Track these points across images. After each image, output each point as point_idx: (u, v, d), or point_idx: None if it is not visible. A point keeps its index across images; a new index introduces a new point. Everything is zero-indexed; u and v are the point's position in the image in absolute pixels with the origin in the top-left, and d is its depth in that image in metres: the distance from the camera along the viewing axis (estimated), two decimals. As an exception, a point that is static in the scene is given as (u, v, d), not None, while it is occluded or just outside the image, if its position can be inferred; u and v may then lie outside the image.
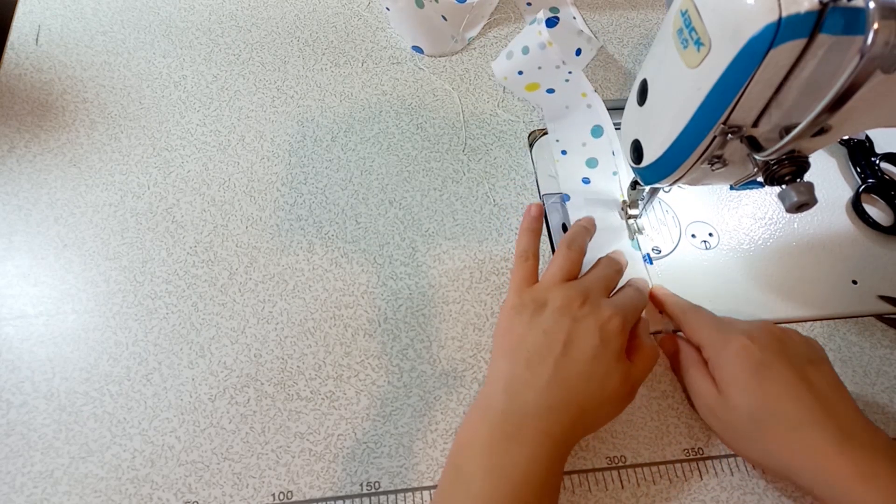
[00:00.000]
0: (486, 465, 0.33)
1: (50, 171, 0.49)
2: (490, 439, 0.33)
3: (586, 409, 0.35)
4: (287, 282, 0.45)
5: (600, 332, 0.36)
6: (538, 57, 0.49)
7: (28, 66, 0.54)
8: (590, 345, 0.35)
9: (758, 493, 0.39)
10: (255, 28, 0.58)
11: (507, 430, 0.33)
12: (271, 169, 0.50)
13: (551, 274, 0.40)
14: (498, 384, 0.36)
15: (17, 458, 0.38)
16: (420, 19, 0.54)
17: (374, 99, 0.54)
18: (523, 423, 0.33)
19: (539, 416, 0.34)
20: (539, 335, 0.36)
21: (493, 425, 0.34)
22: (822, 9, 0.25)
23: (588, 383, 0.35)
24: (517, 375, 0.35)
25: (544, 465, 0.33)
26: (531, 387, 0.34)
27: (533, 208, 0.43)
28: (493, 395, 0.35)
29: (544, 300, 0.38)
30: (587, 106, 0.50)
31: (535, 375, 0.35)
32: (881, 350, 0.45)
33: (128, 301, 0.43)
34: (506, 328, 0.38)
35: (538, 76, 0.51)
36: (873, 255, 0.49)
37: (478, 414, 0.36)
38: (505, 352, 0.37)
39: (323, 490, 0.38)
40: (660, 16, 0.62)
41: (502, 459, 0.32)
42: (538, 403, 0.34)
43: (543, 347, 0.35)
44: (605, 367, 0.35)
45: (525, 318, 0.37)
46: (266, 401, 0.41)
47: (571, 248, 0.41)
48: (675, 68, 0.32)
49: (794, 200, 0.32)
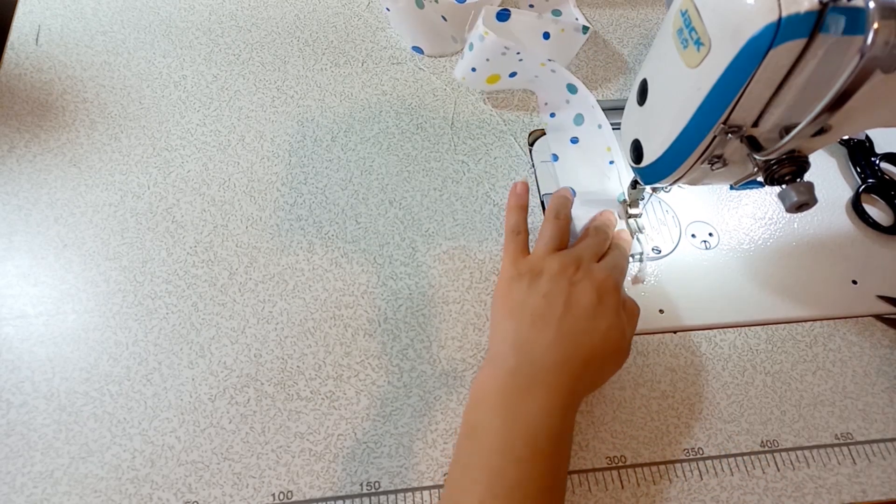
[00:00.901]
0: (501, 417, 0.34)
1: (50, 171, 0.49)
2: (504, 395, 0.35)
3: (591, 363, 0.36)
4: (287, 282, 0.45)
5: (597, 291, 0.37)
6: (482, 50, 0.50)
7: (28, 66, 0.54)
8: (589, 303, 0.37)
9: (758, 493, 0.39)
10: (255, 28, 0.58)
11: (520, 385, 0.35)
12: (271, 169, 0.50)
13: (543, 244, 0.42)
14: (505, 344, 0.37)
15: (17, 458, 0.38)
16: (420, 19, 0.54)
17: (374, 99, 0.54)
18: (534, 377, 0.35)
19: (548, 369, 0.35)
20: (539, 299, 0.37)
21: (505, 382, 0.35)
22: (822, 9, 0.25)
23: (591, 338, 0.36)
24: (523, 335, 0.37)
25: (557, 415, 0.34)
26: (538, 344, 0.36)
27: (518, 186, 0.45)
28: (502, 354, 0.37)
29: (540, 269, 0.39)
30: (551, 71, 0.51)
31: (540, 334, 0.36)
32: (881, 350, 0.45)
33: (128, 301, 0.43)
34: (504, 295, 0.39)
35: (491, 67, 0.51)
36: (873, 255, 0.49)
37: (489, 372, 0.37)
38: (507, 315, 0.38)
39: (323, 490, 0.38)
40: (660, 15, 0.62)
41: (517, 412, 0.34)
42: (546, 358, 0.35)
43: (545, 309, 0.37)
44: (606, 322, 0.37)
45: (523, 285, 0.39)
46: (266, 401, 0.41)
47: (559, 218, 0.43)
48: (675, 68, 0.32)
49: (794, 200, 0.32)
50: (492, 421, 0.34)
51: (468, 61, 0.51)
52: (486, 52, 0.50)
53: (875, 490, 0.40)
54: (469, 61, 0.51)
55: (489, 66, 0.51)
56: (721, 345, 0.44)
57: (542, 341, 0.36)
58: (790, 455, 0.41)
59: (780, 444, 0.41)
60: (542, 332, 0.36)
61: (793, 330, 0.45)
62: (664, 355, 0.44)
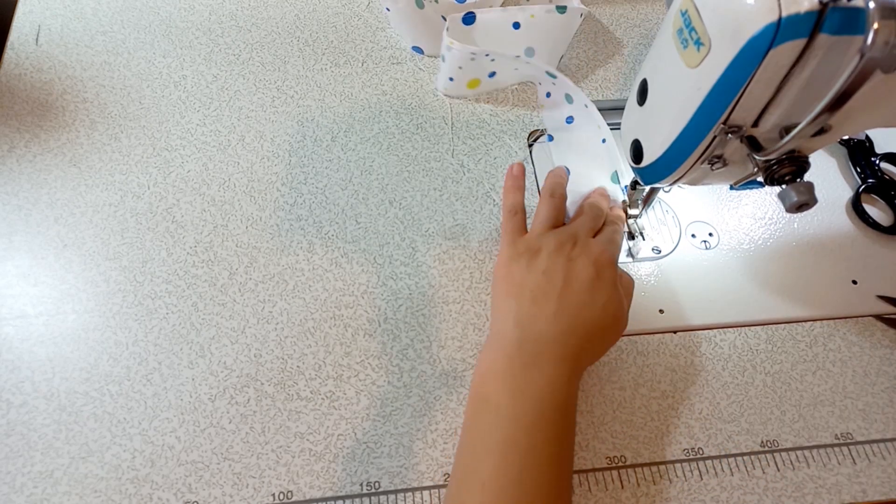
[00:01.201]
0: (510, 389, 0.35)
1: (50, 171, 0.49)
2: (510, 367, 0.36)
3: (592, 334, 0.37)
4: (287, 282, 0.45)
5: (595, 265, 0.38)
6: (453, 60, 0.50)
7: (28, 66, 0.54)
8: (587, 278, 0.38)
9: (758, 493, 0.39)
10: (255, 28, 0.58)
11: (525, 359, 0.36)
12: (271, 169, 0.50)
13: (540, 222, 0.42)
14: (508, 321, 0.38)
15: (17, 458, 0.38)
16: (420, 19, 0.54)
17: (374, 99, 0.54)
18: (538, 349, 0.36)
19: (551, 342, 0.36)
20: (539, 276, 0.38)
21: (510, 355, 0.36)
22: (822, 9, 0.25)
23: (591, 310, 0.37)
24: (525, 311, 0.37)
25: (563, 385, 0.35)
26: (540, 319, 0.37)
27: (515, 167, 0.45)
28: (506, 330, 0.37)
29: (538, 246, 0.40)
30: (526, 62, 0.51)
31: (541, 309, 0.37)
32: (881, 350, 0.45)
33: (128, 301, 0.43)
34: (504, 275, 0.40)
35: (467, 74, 0.52)
36: (873, 255, 0.49)
37: (494, 348, 0.38)
38: (508, 293, 0.39)
39: (323, 490, 0.38)
40: (660, 15, 0.62)
41: (524, 384, 0.35)
42: (549, 332, 0.36)
43: (545, 285, 0.38)
44: (604, 295, 0.38)
45: (522, 263, 0.39)
46: (266, 401, 0.41)
47: (554, 197, 0.43)
48: (675, 68, 0.32)
49: (794, 200, 0.32)
50: (500, 394, 0.35)
51: (444, 72, 0.52)
52: (457, 62, 0.50)
53: (875, 490, 0.40)
54: (445, 72, 0.52)
55: (464, 73, 0.52)
56: (721, 345, 0.44)
57: (544, 316, 0.37)
58: (790, 455, 0.41)
59: (780, 444, 0.41)
60: (543, 308, 0.37)
61: (793, 330, 0.45)
62: (664, 355, 0.44)
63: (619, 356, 0.44)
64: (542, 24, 0.52)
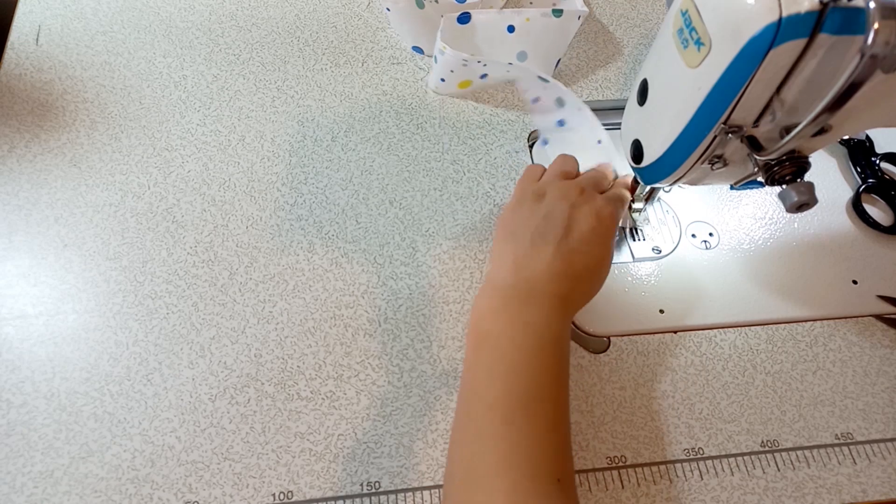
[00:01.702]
0: (508, 324, 0.36)
1: (50, 171, 0.49)
2: (507, 305, 0.37)
3: (582, 279, 0.38)
4: (287, 282, 0.45)
5: (596, 216, 0.39)
6: (445, 63, 0.51)
7: (28, 66, 0.54)
8: (588, 226, 0.38)
9: (758, 493, 0.39)
10: (255, 28, 0.58)
11: (521, 297, 0.37)
12: (271, 169, 0.50)
13: (551, 171, 0.43)
14: (505, 263, 0.38)
15: (17, 458, 0.38)
16: (420, 19, 0.54)
17: (374, 99, 0.54)
18: (534, 288, 0.37)
19: (546, 280, 0.37)
20: (540, 219, 0.39)
21: (507, 295, 0.37)
22: (823, 9, 0.25)
23: (585, 259, 0.38)
24: (523, 253, 0.38)
25: (558, 320, 0.36)
26: (537, 260, 0.38)
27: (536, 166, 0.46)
28: (503, 273, 0.38)
29: (543, 191, 0.41)
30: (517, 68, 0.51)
31: (539, 252, 0.38)
32: (881, 350, 0.45)
33: (128, 301, 0.43)
34: (508, 217, 0.41)
35: (458, 76, 0.52)
36: (873, 255, 0.49)
37: (490, 289, 0.38)
38: (508, 236, 0.40)
39: (323, 490, 0.38)
40: (660, 15, 0.62)
41: (522, 319, 0.36)
42: (545, 271, 0.37)
43: (545, 229, 0.39)
44: (600, 248, 0.39)
45: (526, 207, 0.40)
46: (266, 401, 0.41)
47: (567, 157, 0.45)
48: (676, 68, 0.32)
49: (794, 200, 0.32)
50: (501, 331, 0.36)
51: (436, 73, 0.53)
52: (449, 65, 0.51)
53: (875, 490, 0.40)
54: (437, 73, 0.53)
55: (455, 76, 0.52)
56: (721, 345, 0.44)
57: (542, 258, 0.38)
58: (790, 455, 0.41)
59: (780, 444, 0.41)
60: (541, 250, 0.38)
61: (793, 330, 0.45)
62: (664, 355, 0.44)
63: (619, 356, 0.44)
64: (537, 27, 0.52)
